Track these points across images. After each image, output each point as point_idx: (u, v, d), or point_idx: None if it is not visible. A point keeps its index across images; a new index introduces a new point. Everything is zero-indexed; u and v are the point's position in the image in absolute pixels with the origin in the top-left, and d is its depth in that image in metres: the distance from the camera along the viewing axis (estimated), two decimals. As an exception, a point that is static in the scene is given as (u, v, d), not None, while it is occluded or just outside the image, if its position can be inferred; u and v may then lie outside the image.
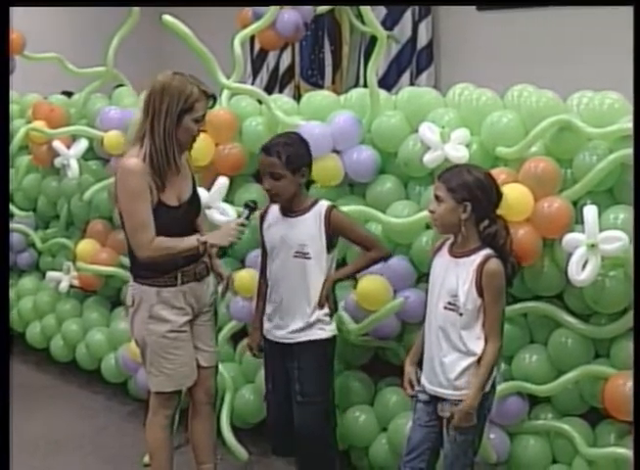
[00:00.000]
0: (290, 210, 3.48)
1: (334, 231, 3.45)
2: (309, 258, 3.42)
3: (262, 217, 3.59)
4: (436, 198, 3.09)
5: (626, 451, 3.26)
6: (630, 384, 3.16)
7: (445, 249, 3.17)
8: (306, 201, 3.49)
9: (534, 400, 3.58)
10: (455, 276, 3.07)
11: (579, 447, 3.39)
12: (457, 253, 3.11)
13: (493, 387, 3.17)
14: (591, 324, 3.39)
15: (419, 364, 3.27)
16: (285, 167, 3.36)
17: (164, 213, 3.36)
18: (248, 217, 3.44)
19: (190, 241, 3.36)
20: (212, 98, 3.40)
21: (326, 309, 3.46)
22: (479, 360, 3.05)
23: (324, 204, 3.49)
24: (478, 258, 3.04)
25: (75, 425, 4.70)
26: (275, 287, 3.52)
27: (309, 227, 3.44)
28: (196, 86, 3.31)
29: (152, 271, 3.42)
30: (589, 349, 3.43)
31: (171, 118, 3.28)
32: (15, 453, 3.53)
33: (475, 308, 3.03)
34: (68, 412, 4.87)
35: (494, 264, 3.02)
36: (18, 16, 5.10)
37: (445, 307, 3.07)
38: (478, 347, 3.05)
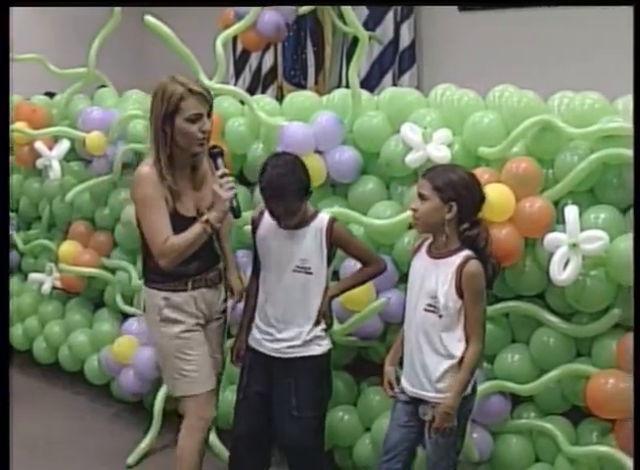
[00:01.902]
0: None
1: (335, 244, 3.40)
2: (310, 274, 3.36)
3: (255, 222, 3.49)
4: (420, 196, 3.07)
5: (608, 449, 3.28)
6: (612, 382, 3.19)
7: (424, 249, 3.17)
8: (306, 212, 3.39)
9: (517, 400, 3.60)
10: (435, 277, 3.06)
11: (562, 446, 3.41)
12: (436, 254, 3.11)
13: (474, 389, 3.18)
14: (573, 323, 3.41)
15: (399, 364, 3.27)
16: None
17: (180, 224, 3.28)
18: (217, 166, 3.33)
19: (194, 228, 3.25)
20: (201, 95, 3.25)
21: (322, 325, 3.42)
22: (460, 363, 3.05)
23: (325, 216, 3.42)
24: (457, 259, 3.03)
25: (60, 427, 4.68)
26: (271, 301, 3.42)
27: (310, 241, 3.36)
28: (179, 84, 3.21)
29: (162, 276, 3.35)
30: (571, 348, 3.45)
31: (157, 123, 3.23)
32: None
33: (455, 310, 3.03)
34: (51, 414, 4.85)
35: (474, 266, 3.02)
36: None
37: (425, 309, 3.07)
38: (458, 349, 3.05)
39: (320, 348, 3.42)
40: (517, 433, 3.59)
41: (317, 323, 3.39)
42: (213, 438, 4.12)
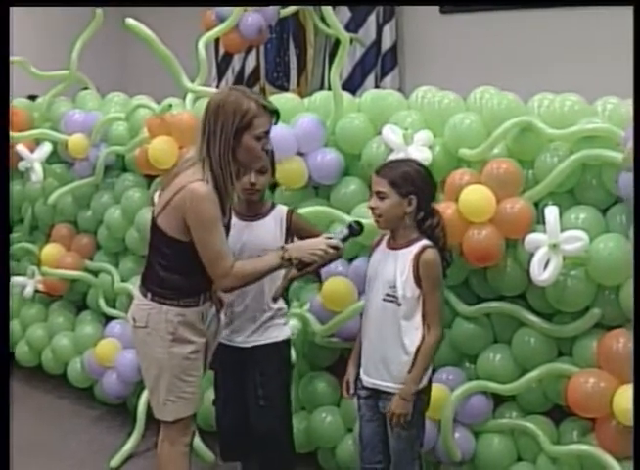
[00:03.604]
0: (247, 213, 3.45)
1: (294, 232, 3.47)
2: None
3: None
4: (378, 194, 3.09)
5: (589, 448, 3.30)
6: (592, 381, 3.20)
7: (383, 243, 3.21)
8: (264, 204, 3.48)
9: (499, 399, 3.62)
10: (393, 267, 3.09)
11: (543, 445, 3.43)
12: (395, 245, 3.14)
13: (429, 382, 3.20)
14: (554, 323, 3.43)
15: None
16: None
17: None
18: (345, 239, 3.21)
19: (270, 259, 3.14)
20: (275, 112, 3.16)
21: (279, 305, 3.46)
22: (417, 351, 3.07)
23: (283, 207, 3.51)
24: (415, 248, 3.07)
25: (42, 430, 4.67)
26: (238, 294, 3.43)
27: (271, 231, 3.42)
28: (254, 101, 3.07)
29: (176, 290, 3.17)
30: (552, 347, 3.47)
31: (227, 139, 3.04)
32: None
33: (413, 298, 3.06)
34: (34, 417, 4.83)
35: (431, 254, 3.05)
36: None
37: (384, 299, 3.10)
38: (416, 337, 3.07)
39: (282, 333, 3.48)
40: (499, 432, 3.60)
41: (274, 301, 3.44)
42: (197, 440, 4.11)
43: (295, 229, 3.46)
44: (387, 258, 3.14)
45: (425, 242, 3.08)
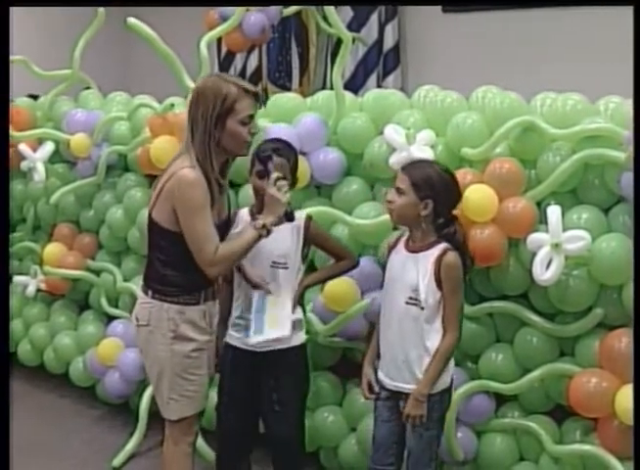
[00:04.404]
0: None
1: (311, 241, 3.44)
2: (287, 268, 3.37)
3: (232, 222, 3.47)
4: (398, 189, 3.10)
5: (591, 448, 3.30)
6: (594, 381, 3.20)
7: (401, 244, 3.19)
8: None
9: (501, 399, 3.62)
10: (415, 271, 3.08)
11: (546, 445, 3.42)
12: (414, 247, 3.13)
13: (451, 382, 3.19)
14: (556, 323, 3.43)
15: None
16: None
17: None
18: (268, 170, 3.21)
19: (248, 235, 3.12)
20: (256, 95, 3.15)
21: (297, 315, 3.43)
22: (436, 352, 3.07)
23: (301, 214, 3.44)
24: (436, 251, 3.06)
25: (43, 429, 4.67)
26: (251, 298, 3.40)
27: (287, 237, 3.36)
28: (233, 84, 3.07)
29: (176, 287, 3.18)
30: (554, 347, 3.47)
31: (207, 125, 3.06)
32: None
33: (435, 301, 3.05)
34: (35, 417, 4.83)
35: (452, 257, 3.05)
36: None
37: (407, 302, 3.08)
38: (437, 340, 3.07)
39: (298, 338, 3.43)
40: (501, 432, 3.60)
41: (292, 309, 3.41)
42: (199, 439, 4.10)
43: (311, 236, 3.42)
44: (407, 262, 3.13)
45: (445, 245, 3.07)
